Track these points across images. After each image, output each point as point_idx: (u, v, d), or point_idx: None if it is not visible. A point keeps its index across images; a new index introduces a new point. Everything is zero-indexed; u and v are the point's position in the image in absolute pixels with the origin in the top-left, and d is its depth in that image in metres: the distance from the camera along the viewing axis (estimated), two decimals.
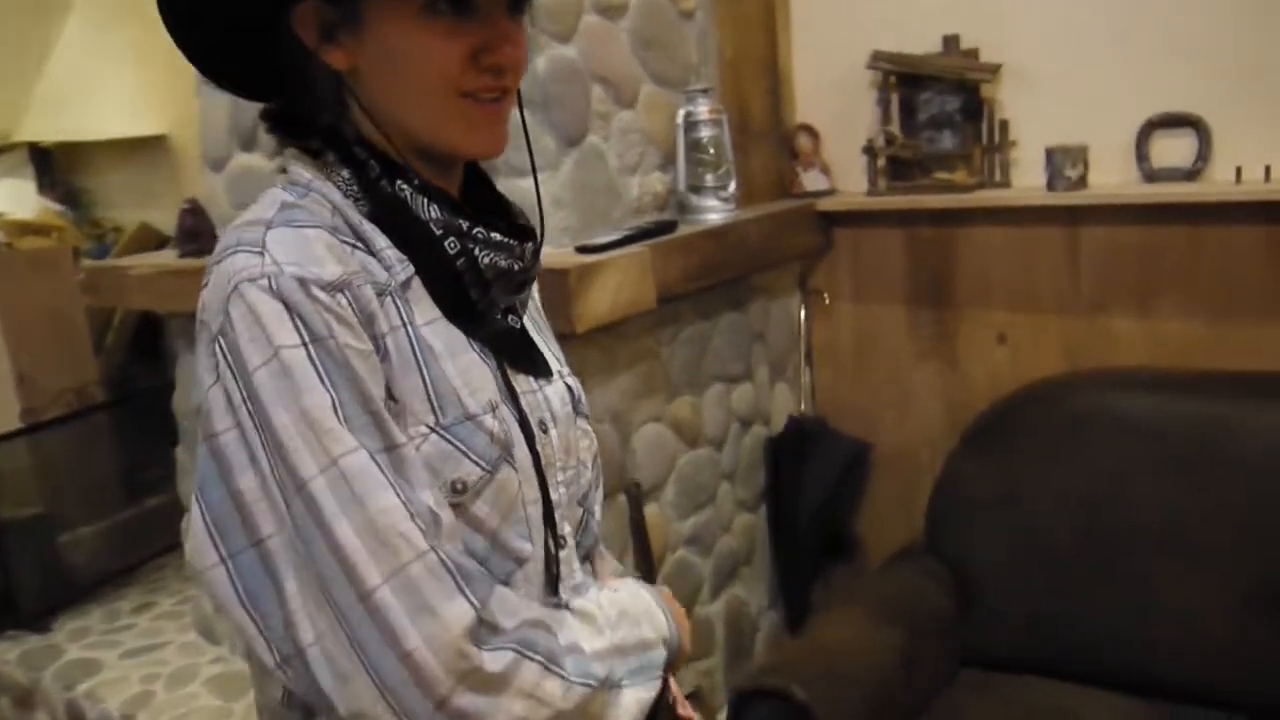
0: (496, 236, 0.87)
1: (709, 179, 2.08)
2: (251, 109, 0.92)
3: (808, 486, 2.40)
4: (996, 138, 2.18)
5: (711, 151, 2.07)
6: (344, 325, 0.77)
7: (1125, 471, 1.94)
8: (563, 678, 0.81)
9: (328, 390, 0.75)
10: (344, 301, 0.78)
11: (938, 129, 2.25)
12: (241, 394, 0.75)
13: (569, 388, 0.99)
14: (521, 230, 0.93)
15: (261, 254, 0.77)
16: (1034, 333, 2.22)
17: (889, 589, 2.09)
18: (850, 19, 2.32)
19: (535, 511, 0.89)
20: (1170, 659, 1.85)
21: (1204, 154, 1.98)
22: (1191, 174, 2.00)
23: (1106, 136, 2.06)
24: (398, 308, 0.83)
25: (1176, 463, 1.90)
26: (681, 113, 2.06)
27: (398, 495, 0.75)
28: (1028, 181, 2.17)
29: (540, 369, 0.94)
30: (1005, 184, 2.20)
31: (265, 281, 0.76)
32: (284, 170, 0.89)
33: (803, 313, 2.51)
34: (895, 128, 2.27)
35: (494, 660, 0.76)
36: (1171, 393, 1.99)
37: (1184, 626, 1.84)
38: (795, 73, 2.42)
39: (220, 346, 0.77)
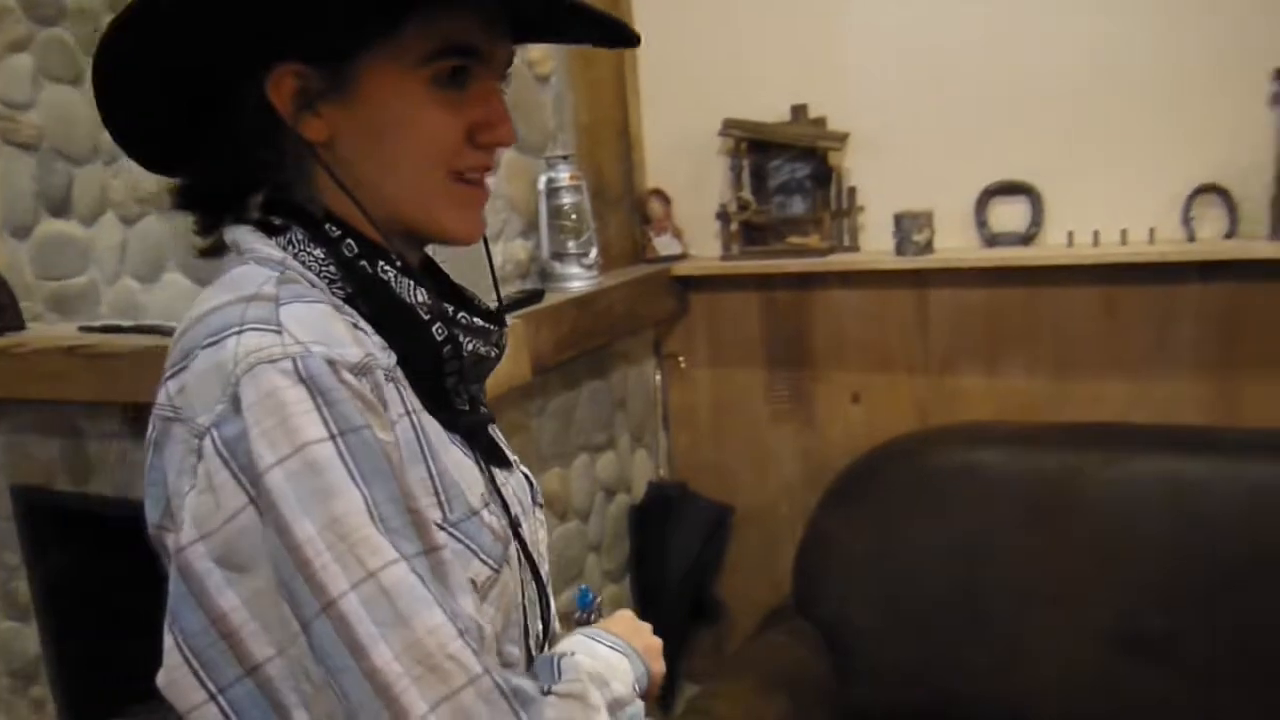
0: (479, 322, 0.81)
1: (571, 245, 2.04)
2: (63, 171, 0.80)
3: (672, 553, 2.36)
4: (845, 203, 2.24)
5: (573, 218, 2.03)
6: (374, 414, 0.68)
7: (983, 522, 1.99)
8: None
9: (360, 490, 0.65)
10: (368, 387, 0.69)
11: (788, 195, 2.29)
12: (246, 495, 0.64)
13: (526, 477, 0.93)
14: (496, 315, 0.87)
15: (279, 332, 0.67)
16: (887, 391, 2.28)
17: (766, 658, 2.06)
18: (698, 86, 2.34)
19: (520, 613, 0.82)
20: (1042, 704, 1.91)
21: (1038, 219, 2.10)
22: (1027, 238, 2.11)
23: (950, 203, 2.15)
24: (399, 393, 0.74)
25: (1031, 512, 1.97)
26: (543, 179, 2.01)
27: (444, 611, 0.66)
28: (876, 245, 2.23)
29: (505, 460, 0.88)
30: (855, 248, 2.26)
31: (288, 364, 0.65)
32: (212, 250, 0.79)
33: (659, 378, 2.49)
34: (747, 193, 2.30)
35: None
36: (1021, 446, 2.07)
37: (1052, 671, 1.90)
38: (646, 138, 2.42)
39: (214, 442, 0.65)
